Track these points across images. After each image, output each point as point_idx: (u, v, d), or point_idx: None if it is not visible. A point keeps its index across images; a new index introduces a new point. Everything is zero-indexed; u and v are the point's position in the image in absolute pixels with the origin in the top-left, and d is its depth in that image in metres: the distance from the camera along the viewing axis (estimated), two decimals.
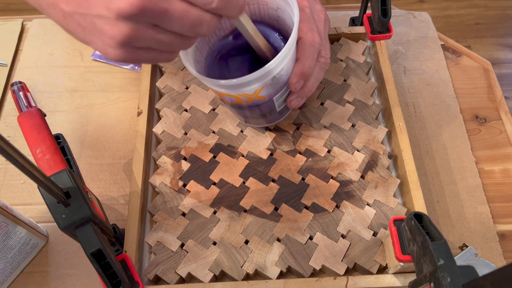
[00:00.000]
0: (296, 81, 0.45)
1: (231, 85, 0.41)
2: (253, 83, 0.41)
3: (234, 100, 0.45)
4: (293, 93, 0.47)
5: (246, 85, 0.41)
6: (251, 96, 0.43)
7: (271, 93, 0.45)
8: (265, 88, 0.43)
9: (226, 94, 0.44)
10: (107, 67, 0.64)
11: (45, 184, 0.31)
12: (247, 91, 0.42)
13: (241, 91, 0.42)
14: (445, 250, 0.34)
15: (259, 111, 0.47)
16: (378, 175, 0.50)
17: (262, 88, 0.43)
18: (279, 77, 0.43)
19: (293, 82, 0.45)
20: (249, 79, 0.40)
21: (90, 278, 0.49)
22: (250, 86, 0.42)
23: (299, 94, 0.47)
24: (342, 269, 0.44)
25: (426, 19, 0.69)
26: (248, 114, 0.48)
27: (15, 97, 0.46)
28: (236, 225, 0.46)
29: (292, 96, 0.47)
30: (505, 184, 0.55)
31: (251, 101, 0.45)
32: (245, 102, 0.45)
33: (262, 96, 0.44)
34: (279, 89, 0.45)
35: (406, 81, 0.63)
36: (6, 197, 0.54)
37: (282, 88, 0.45)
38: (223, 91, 0.43)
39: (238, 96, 0.43)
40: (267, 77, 0.41)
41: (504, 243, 0.51)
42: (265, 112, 0.48)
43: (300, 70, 0.44)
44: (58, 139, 0.43)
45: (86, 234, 0.36)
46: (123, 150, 0.57)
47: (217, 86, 0.42)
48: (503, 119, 0.60)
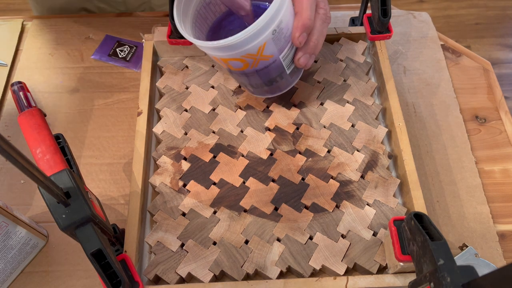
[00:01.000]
0: (299, 35, 0.44)
1: (232, 44, 0.41)
2: (254, 39, 0.41)
3: (240, 65, 0.44)
4: (299, 50, 0.47)
5: (247, 42, 0.41)
6: (255, 56, 0.43)
7: (275, 51, 0.44)
8: (268, 45, 0.42)
9: (231, 59, 0.43)
10: (107, 67, 0.64)
11: (45, 184, 0.31)
12: (250, 50, 0.42)
13: (244, 51, 0.42)
14: (445, 250, 0.34)
15: (269, 75, 0.47)
16: (378, 175, 0.50)
17: (265, 44, 0.42)
18: (279, 31, 0.42)
19: (295, 36, 0.44)
20: (250, 33, 0.40)
21: (90, 278, 0.49)
22: (252, 43, 0.41)
23: (306, 50, 0.47)
24: (342, 269, 0.44)
25: (426, 19, 0.69)
26: (259, 81, 0.48)
27: (15, 97, 0.46)
28: (236, 225, 0.46)
29: (299, 53, 0.47)
30: (505, 184, 0.55)
31: (258, 62, 0.44)
32: (252, 65, 0.44)
33: (267, 55, 0.44)
34: (283, 46, 0.45)
35: (406, 81, 0.63)
36: (6, 197, 0.54)
37: (287, 45, 0.45)
38: (226, 54, 0.43)
39: (243, 58, 0.43)
40: (267, 30, 0.41)
41: (504, 243, 0.51)
42: (275, 75, 0.47)
43: (301, 23, 0.44)
44: (58, 139, 0.43)
45: (86, 234, 0.36)
46: (123, 150, 0.57)
47: (218, 50, 0.42)
48: (503, 119, 0.60)
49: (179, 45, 0.57)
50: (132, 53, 0.65)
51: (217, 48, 0.42)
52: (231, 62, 0.44)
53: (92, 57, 0.65)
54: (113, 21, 0.69)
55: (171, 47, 0.58)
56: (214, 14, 0.51)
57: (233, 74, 0.49)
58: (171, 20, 0.53)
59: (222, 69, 0.57)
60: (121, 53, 0.65)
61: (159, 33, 0.58)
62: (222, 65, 0.47)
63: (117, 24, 0.68)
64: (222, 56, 0.43)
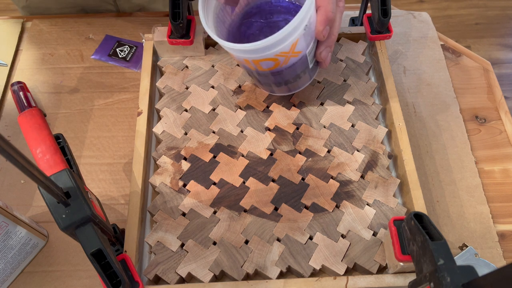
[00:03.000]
0: (323, 28, 0.44)
1: (269, 44, 0.40)
2: (289, 36, 0.41)
3: (271, 64, 0.44)
4: (321, 44, 0.47)
5: (284, 39, 0.41)
6: (287, 54, 0.43)
7: (303, 46, 0.44)
8: (299, 41, 0.43)
9: (263, 60, 0.43)
10: (107, 67, 0.64)
11: (45, 184, 0.31)
12: (284, 48, 0.42)
13: (278, 50, 0.42)
14: (445, 250, 0.34)
15: (295, 71, 0.47)
16: (378, 175, 0.50)
17: (297, 40, 0.42)
18: (309, 25, 0.42)
19: (320, 30, 0.44)
20: (288, 31, 0.40)
21: (90, 278, 0.49)
22: (287, 41, 0.41)
23: (327, 43, 0.47)
24: (342, 269, 0.44)
25: (426, 19, 0.69)
26: (284, 78, 0.48)
27: (15, 97, 0.46)
28: (236, 225, 0.46)
29: (320, 47, 0.47)
30: (505, 184, 0.55)
31: (288, 59, 0.44)
32: (283, 63, 0.44)
33: (297, 51, 0.44)
34: (310, 40, 0.45)
35: (406, 81, 0.63)
36: (6, 197, 0.54)
37: (312, 39, 0.45)
38: (260, 55, 0.43)
39: (276, 57, 0.43)
40: (302, 25, 0.41)
41: (504, 243, 0.51)
42: (300, 71, 0.48)
43: (325, 16, 0.44)
44: (58, 139, 0.43)
45: (86, 234, 0.36)
46: (123, 150, 0.57)
47: (253, 52, 0.42)
48: (503, 119, 0.60)
49: (179, 45, 0.57)
50: (132, 53, 0.65)
51: (253, 50, 0.42)
52: (262, 63, 0.44)
53: (92, 57, 0.65)
54: (113, 21, 0.69)
55: (171, 47, 0.58)
56: (230, 17, 0.51)
57: (259, 75, 0.49)
58: (171, 20, 0.53)
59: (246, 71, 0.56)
60: (121, 53, 0.65)
61: (159, 33, 0.58)
62: (250, 66, 0.46)
63: (117, 24, 0.68)
64: (255, 57, 0.43)
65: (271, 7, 0.51)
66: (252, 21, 0.51)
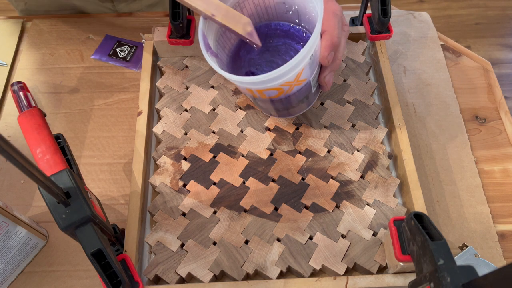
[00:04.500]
0: (328, 54, 0.43)
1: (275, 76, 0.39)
2: (296, 67, 0.40)
3: (274, 93, 0.43)
4: (326, 69, 0.46)
5: (290, 71, 0.40)
6: (292, 83, 0.42)
7: (308, 73, 0.43)
8: (304, 70, 0.42)
9: (267, 89, 0.42)
10: (107, 67, 0.64)
11: (45, 184, 0.31)
12: (289, 78, 0.41)
13: (283, 80, 0.41)
14: (445, 250, 0.34)
15: (298, 97, 0.46)
16: (378, 175, 0.50)
17: (302, 70, 0.41)
18: (315, 54, 0.42)
19: (325, 55, 0.43)
20: (295, 62, 0.39)
21: (90, 278, 0.49)
22: (293, 71, 0.40)
23: (332, 68, 0.46)
24: (342, 269, 0.44)
25: (426, 19, 0.69)
26: (286, 105, 0.47)
27: (15, 97, 0.46)
28: (236, 225, 0.46)
29: (325, 71, 0.46)
30: (505, 184, 0.55)
31: (293, 88, 0.43)
32: (286, 92, 0.43)
33: (302, 79, 0.43)
34: (314, 67, 0.44)
35: (406, 81, 0.63)
36: (6, 197, 0.54)
37: (317, 65, 0.44)
38: (265, 86, 0.41)
39: (280, 87, 0.42)
40: (308, 56, 0.40)
41: (504, 243, 0.51)
42: (302, 97, 0.47)
43: (330, 41, 0.43)
44: (58, 139, 0.43)
45: (86, 234, 0.36)
46: (123, 150, 0.57)
47: (258, 84, 0.41)
48: (503, 119, 0.60)
49: (179, 45, 0.57)
50: (132, 53, 0.65)
51: (258, 82, 0.40)
52: (266, 92, 0.43)
53: (92, 57, 0.65)
54: (113, 21, 0.69)
55: (171, 47, 0.58)
56: (231, 42, 0.49)
57: (261, 102, 0.47)
58: (171, 20, 0.53)
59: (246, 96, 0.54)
60: (121, 53, 0.65)
61: (159, 33, 0.58)
62: (253, 95, 0.45)
63: (117, 24, 0.68)
64: (259, 88, 0.42)
65: (271, 31, 0.50)
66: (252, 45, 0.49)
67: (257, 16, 0.49)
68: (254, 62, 0.49)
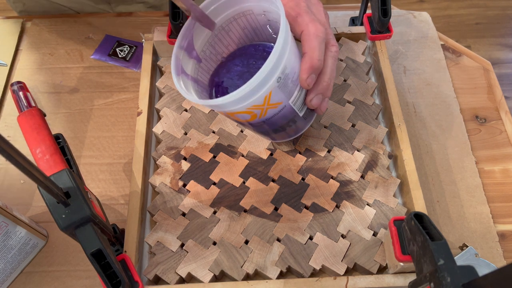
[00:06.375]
0: (307, 76, 0.41)
1: (235, 99, 0.37)
2: (257, 91, 0.38)
3: (247, 117, 0.41)
4: (311, 92, 0.44)
5: (250, 95, 0.38)
6: (262, 106, 0.40)
7: (283, 97, 0.41)
8: (274, 93, 0.39)
9: (237, 112, 0.40)
10: (107, 67, 0.64)
11: (45, 184, 0.31)
12: (256, 102, 0.39)
13: (249, 103, 0.39)
14: (445, 250, 0.34)
15: (281, 121, 0.44)
16: (378, 175, 0.50)
17: (270, 93, 0.39)
18: (285, 77, 0.39)
19: (303, 78, 0.41)
20: (251, 86, 0.37)
21: (90, 278, 0.49)
22: (256, 95, 0.38)
23: (317, 91, 0.43)
24: (342, 269, 0.44)
25: (426, 19, 0.69)
26: (271, 128, 0.45)
27: (15, 97, 0.45)
28: (236, 225, 0.46)
29: (310, 94, 0.44)
30: (505, 184, 0.55)
31: (266, 112, 0.41)
32: (260, 116, 0.42)
33: (274, 103, 0.40)
34: (292, 90, 0.41)
35: (406, 81, 0.63)
36: (6, 197, 0.54)
37: (296, 88, 0.42)
38: (231, 109, 0.40)
39: (249, 110, 0.40)
40: (271, 79, 0.38)
41: (504, 243, 0.51)
42: (288, 120, 0.44)
43: (309, 64, 0.41)
44: (58, 139, 0.43)
45: (86, 234, 0.36)
46: (123, 150, 0.57)
47: (222, 107, 0.39)
48: (503, 119, 0.60)
49: None
50: (132, 53, 0.65)
51: (220, 105, 0.39)
52: (238, 115, 0.41)
53: (92, 57, 0.65)
54: (113, 21, 0.69)
55: (171, 47, 0.58)
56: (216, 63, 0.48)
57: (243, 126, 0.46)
58: (171, 20, 0.53)
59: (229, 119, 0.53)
60: (121, 53, 0.65)
61: (159, 33, 0.58)
62: (229, 118, 0.44)
63: (117, 24, 0.68)
64: (227, 111, 0.40)
65: (257, 51, 0.48)
66: (234, 64, 0.48)
67: (247, 38, 0.48)
68: (229, 82, 0.47)
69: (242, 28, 0.47)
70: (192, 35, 0.45)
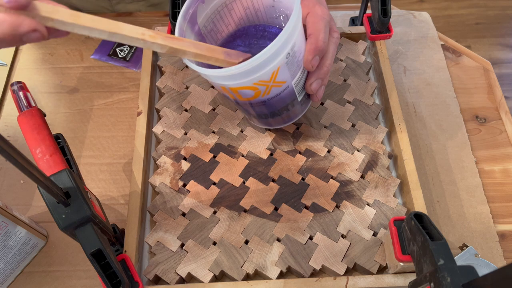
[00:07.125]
0: (312, 57, 0.41)
1: (245, 70, 0.37)
2: (268, 64, 0.38)
3: (251, 94, 0.41)
4: (312, 75, 0.44)
5: (261, 67, 0.38)
6: (268, 83, 0.40)
7: (288, 76, 0.41)
8: (281, 70, 0.40)
9: (242, 88, 0.40)
10: (107, 67, 0.64)
11: (45, 184, 0.31)
12: (263, 76, 0.39)
13: (257, 78, 0.39)
14: (445, 250, 0.34)
15: (280, 104, 0.44)
16: (378, 175, 0.50)
17: (278, 69, 0.39)
18: (293, 54, 0.39)
19: (308, 59, 0.41)
20: (263, 58, 0.37)
21: (90, 278, 0.49)
22: (266, 68, 0.38)
23: (318, 75, 0.44)
24: (342, 269, 0.44)
25: (426, 19, 0.69)
26: (269, 111, 0.46)
27: (15, 97, 0.45)
28: (236, 225, 0.46)
29: (311, 78, 0.44)
30: (505, 184, 0.55)
31: (270, 89, 0.41)
32: (264, 94, 0.42)
33: (280, 81, 0.41)
34: (296, 71, 0.42)
35: (406, 81, 0.63)
36: (6, 197, 0.54)
37: (299, 70, 0.42)
38: (237, 83, 0.40)
39: (255, 86, 0.40)
40: (281, 54, 0.38)
41: (504, 243, 0.51)
42: (287, 103, 0.45)
43: (314, 45, 0.41)
44: (58, 139, 0.43)
45: (86, 234, 0.36)
46: (123, 150, 0.57)
47: (229, 79, 0.39)
48: (503, 119, 0.60)
49: None
50: (132, 53, 0.65)
51: (227, 77, 0.38)
52: (241, 92, 0.41)
53: (92, 57, 0.65)
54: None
55: None
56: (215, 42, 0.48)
57: (242, 105, 0.46)
58: (171, 20, 0.53)
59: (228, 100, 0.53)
60: (121, 53, 0.65)
61: None
62: (230, 95, 0.44)
63: None
64: (232, 85, 0.40)
65: (258, 32, 0.48)
66: (236, 45, 0.48)
67: (247, 19, 0.49)
68: None
69: (245, 8, 0.47)
70: (197, 8, 0.45)
